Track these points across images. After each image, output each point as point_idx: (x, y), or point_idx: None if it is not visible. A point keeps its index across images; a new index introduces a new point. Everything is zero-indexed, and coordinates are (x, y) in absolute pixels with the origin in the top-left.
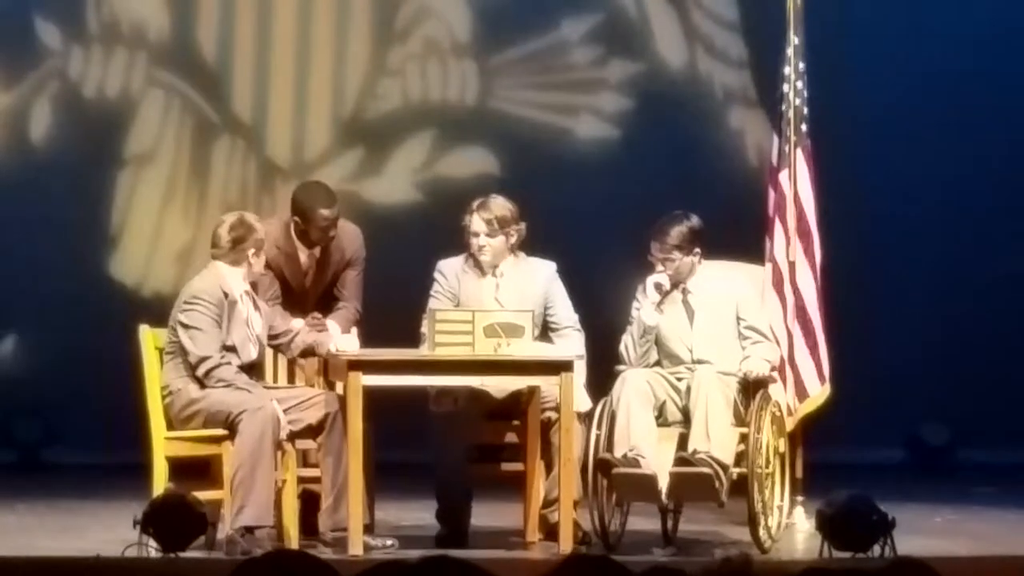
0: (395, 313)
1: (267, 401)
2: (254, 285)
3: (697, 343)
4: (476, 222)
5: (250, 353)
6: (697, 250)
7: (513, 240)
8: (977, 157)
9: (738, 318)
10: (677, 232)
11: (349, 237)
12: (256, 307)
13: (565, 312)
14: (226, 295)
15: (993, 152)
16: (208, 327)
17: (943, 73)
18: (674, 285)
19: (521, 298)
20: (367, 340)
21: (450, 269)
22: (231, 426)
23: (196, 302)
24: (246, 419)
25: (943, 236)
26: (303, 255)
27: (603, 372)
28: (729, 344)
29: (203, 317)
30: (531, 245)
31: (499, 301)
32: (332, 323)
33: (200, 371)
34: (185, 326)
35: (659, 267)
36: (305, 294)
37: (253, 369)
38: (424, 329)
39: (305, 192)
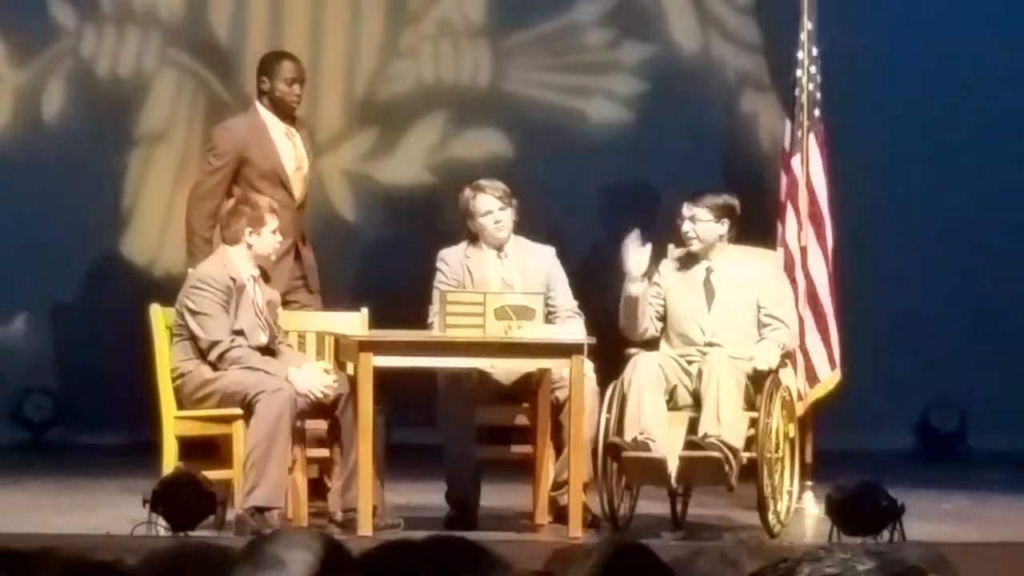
0: (405, 295)
1: (286, 383)
2: (263, 273)
3: (712, 326)
4: (486, 200)
5: (259, 338)
6: (727, 222)
7: (515, 216)
8: (993, 143)
9: (758, 306)
10: (712, 197)
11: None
12: (264, 291)
13: (565, 298)
14: (234, 280)
15: (1008, 138)
16: (216, 312)
17: (958, 59)
18: (695, 256)
19: (526, 279)
20: (376, 322)
21: (452, 257)
22: (248, 406)
23: (203, 286)
24: (264, 400)
25: (955, 222)
26: (276, 132)
27: (614, 357)
28: (745, 331)
29: (210, 302)
30: (541, 227)
31: (505, 281)
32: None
33: (212, 356)
34: (193, 312)
35: (684, 226)
36: (290, 190)
37: (264, 353)
38: (432, 319)
39: (269, 53)
